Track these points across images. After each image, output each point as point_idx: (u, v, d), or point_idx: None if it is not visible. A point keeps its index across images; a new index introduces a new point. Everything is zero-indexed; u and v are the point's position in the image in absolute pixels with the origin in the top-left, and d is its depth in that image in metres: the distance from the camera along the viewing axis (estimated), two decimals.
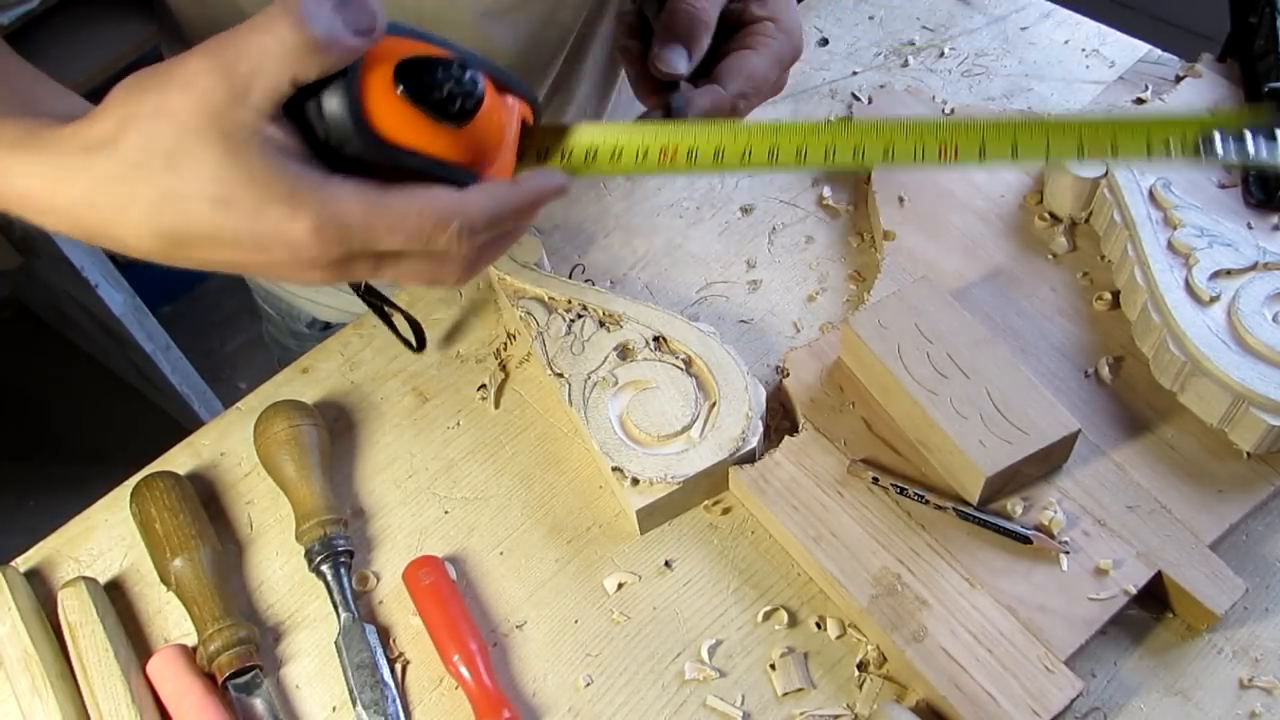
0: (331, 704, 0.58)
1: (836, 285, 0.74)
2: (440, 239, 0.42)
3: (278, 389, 0.71)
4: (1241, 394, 0.59)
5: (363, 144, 0.41)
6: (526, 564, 0.63)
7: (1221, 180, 0.74)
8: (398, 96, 0.41)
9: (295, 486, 0.63)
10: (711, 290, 0.74)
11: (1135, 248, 0.66)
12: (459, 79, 0.41)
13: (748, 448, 0.62)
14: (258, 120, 0.39)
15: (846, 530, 0.59)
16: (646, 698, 0.57)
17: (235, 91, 0.39)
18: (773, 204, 0.78)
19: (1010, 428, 0.58)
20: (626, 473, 0.61)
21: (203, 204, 0.40)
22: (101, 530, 0.66)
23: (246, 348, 2.03)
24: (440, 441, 0.68)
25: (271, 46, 0.38)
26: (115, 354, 1.76)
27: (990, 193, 0.75)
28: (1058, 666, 0.54)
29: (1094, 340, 0.67)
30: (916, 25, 0.90)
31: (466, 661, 0.56)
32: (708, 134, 0.46)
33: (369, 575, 0.63)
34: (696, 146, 0.46)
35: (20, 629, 0.58)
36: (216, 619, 0.58)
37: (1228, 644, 0.57)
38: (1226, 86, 0.79)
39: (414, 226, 0.41)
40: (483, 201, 0.43)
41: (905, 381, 0.61)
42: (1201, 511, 0.59)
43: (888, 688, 0.57)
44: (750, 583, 0.61)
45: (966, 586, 0.57)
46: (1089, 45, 0.87)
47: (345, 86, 0.40)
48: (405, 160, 0.41)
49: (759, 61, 0.55)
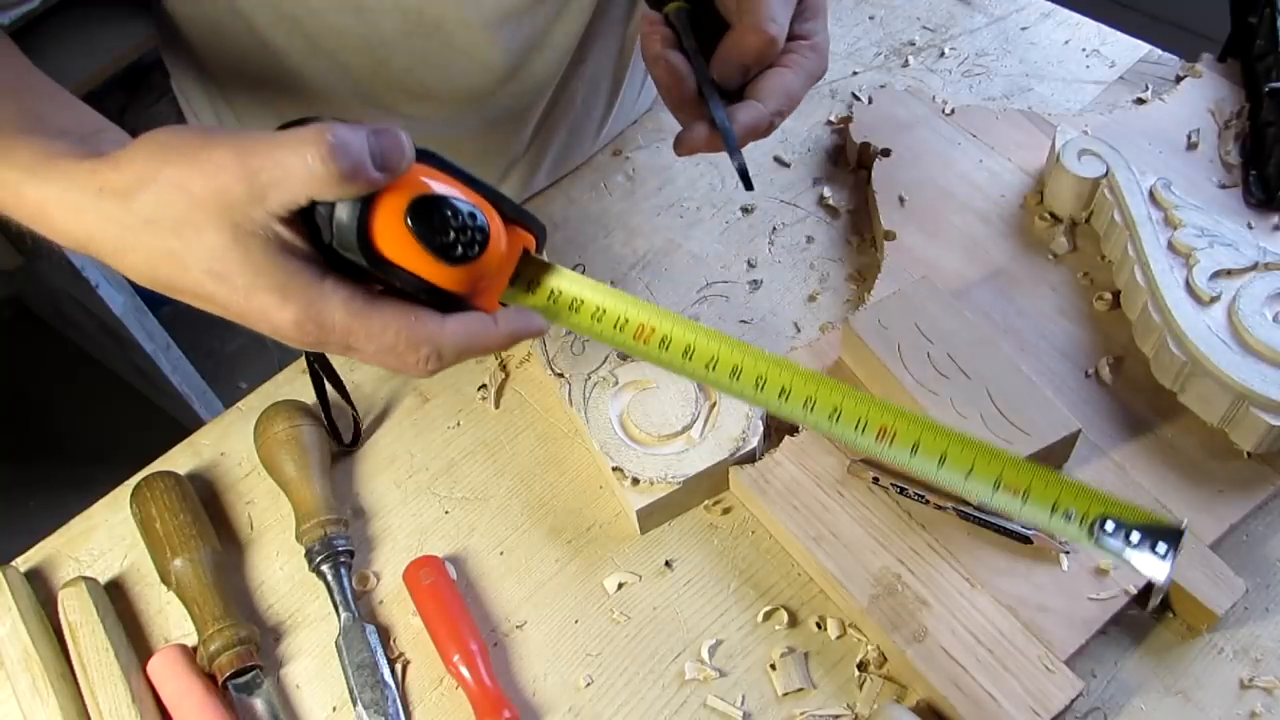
0: (332, 704, 0.58)
1: (837, 285, 0.74)
2: (410, 358, 0.44)
3: (278, 389, 0.71)
4: (1242, 394, 0.59)
5: (362, 255, 0.42)
6: (527, 564, 0.63)
7: (1222, 180, 0.74)
8: (405, 228, 0.42)
9: (295, 486, 0.63)
10: (712, 290, 0.74)
11: (1136, 248, 0.66)
12: (467, 227, 0.43)
13: (748, 448, 0.62)
14: (268, 220, 0.41)
15: (847, 530, 0.59)
16: (647, 698, 0.57)
17: (253, 195, 0.40)
18: (773, 204, 0.78)
19: (1011, 428, 0.58)
20: (627, 473, 0.61)
21: (199, 272, 0.42)
22: (102, 530, 0.66)
23: (247, 348, 2.02)
24: (441, 441, 0.68)
25: (296, 167, 0.40)
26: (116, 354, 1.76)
27: (991, 193, 0.75)
28: (1058, 666, 0.54)
29: (1094, 340, 0.67)
30: (917, 25, 0.90)
31: (467, 661, 0.56)
32: (686, 331, 0.48)
33: (369, 575, 0.63)
34: (671, 337, 0.48)
35: (20, 629, 0.58)
36: (217, 619, 0.58)
37: (1228, 644, 0.57)
38: (1227, 86, 0.79)
39: (389, 342, 0.43)
40: (459, 335, 0.45)
41: (905, 381, 0.61)
42: (1202, 511, 0.59)
43: (888, 688, 0.57)
44: (750, 583, 0.61)
45: (967, 586, 0.57)
46: (1089, 45, 0.87)
47: (358, 204, 0.42)
48: (399, 277, 0.43)
49: (795, 82, 0.56)
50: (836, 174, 0.80)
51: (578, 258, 0.76)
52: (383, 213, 0.42)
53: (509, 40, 0.71)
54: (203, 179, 0.40)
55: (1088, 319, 0.68)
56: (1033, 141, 0.78)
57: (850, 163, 0.80)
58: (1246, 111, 0.77)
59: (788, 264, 0.75)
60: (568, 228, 0.78)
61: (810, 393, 0.46)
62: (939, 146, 0.78)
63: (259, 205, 0.41)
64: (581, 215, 0.79)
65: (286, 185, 0.40)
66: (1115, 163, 0.70)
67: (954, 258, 0.72)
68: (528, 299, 0.48)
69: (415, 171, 0.43)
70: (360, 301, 0.43)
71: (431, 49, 0.69)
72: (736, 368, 0.47)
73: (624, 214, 0.79)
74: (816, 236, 0.76)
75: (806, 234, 0.76)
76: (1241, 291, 0.62)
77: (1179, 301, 0.63)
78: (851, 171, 0.80)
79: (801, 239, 0.76)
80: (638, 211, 0.79)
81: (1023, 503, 0.45)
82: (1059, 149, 0.71)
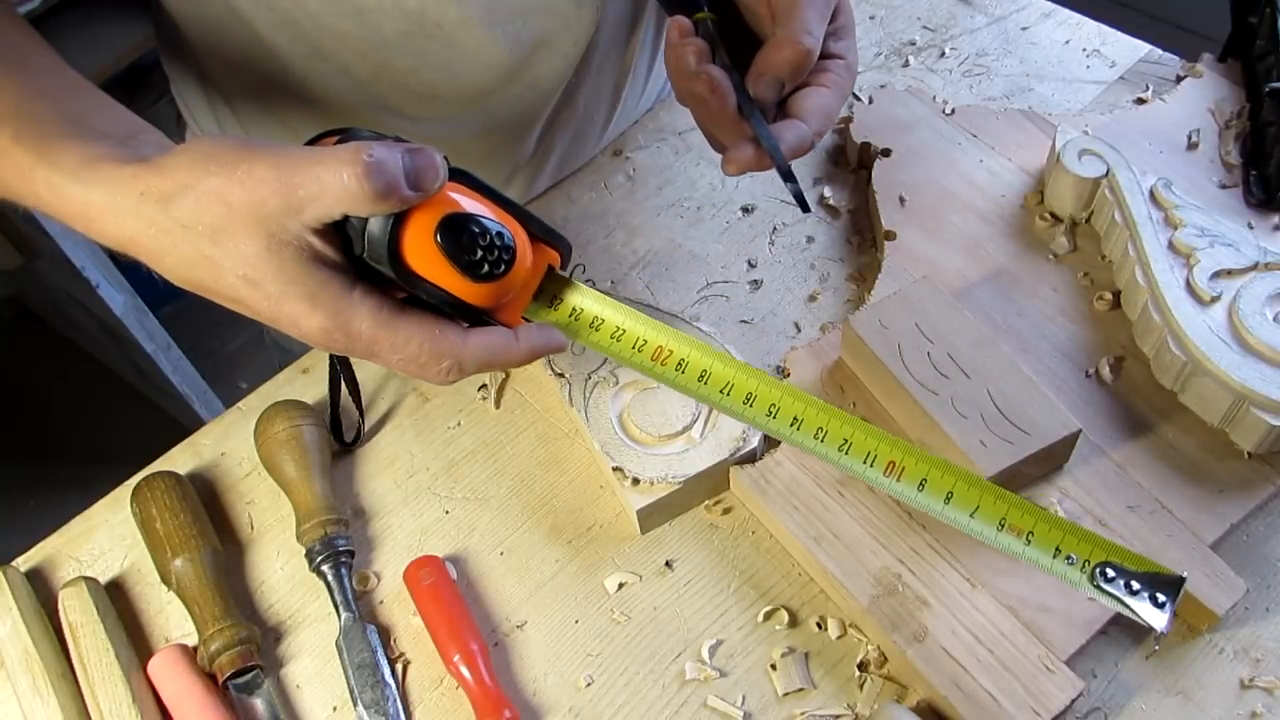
0: (332, 704, 0.58)
1: (837, 285, 0.74)
2: (431, 368, 0.46)
3: (278, 389, 0.71)
4: (1242, 394, 0.59)
5: (391, 269, 0.44)
6: (527, 564, 0.63)
7: (1222, 180, 0.74)
8: (435, 244, 0.44)
9: (296, 486, 0.63)
10: (712, 290, 0.74)
11: (1136, 248, 0.66)
12: (494, 245, 0.45)
13: (748, 448, 0.62)
14: (303, 231, 0.43)
15: (847, 530, 0.59)
16: (647, 698, 0.57)
17: (289, 207, 0.42)
18: (773, 204, 0.78)
19: (1011, 428, 0.58)
20: (627, 473, 0.61)
21: (233, 277, 0.44)
22: (102, 530, 0.66)
23: (247, 348, 2.02)
24: (441, 441, 0.68)
25: (333, 184, 0.41)
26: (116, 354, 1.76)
27: (991, 193, 0.75)
28: (1058, 666, 0.54)
29: (1095, 340, 0.67)
30: (917, 25, 0.90)
31: (467, 661, 0.56)
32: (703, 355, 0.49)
33: (369, 575, 0.63)
34: (688, 361, 0.49)
35: (21, 629, 0.58)
36: (217, 619, 0.58)
37: (1229, 644, 0.56)
38: (1227, 86, 0.79)
39: (412, 353, 0.45)
40: (481, 348, 0.46)
41: (906, 381, 0.61)
42: (1202, 511, 0.59)
43: (888, 688, 0.57)
44: (751, 583, 0.61)
45: (967, 586, 0.57)
46: (1090, 45, 0.87)
47: (390, 219, 0.43)
48: (426, 291, 0.45)
49: (834, 101, 0.56)
50: (837, 174, 0.80)
51: (578, 258, 0.76)
52: (413, 228, 0.44)
53: (512, 39, 0.71)
54: (242, 190, 0.42)
55: (1088, 319, 0.68)
56: (1033, 141, 0.78)
57: (850, 163, 0.80)
58: (1247, 111, 0.77)
59: (788, 264, 0.75)
60: (568, 228, 0.78)
61: (822, 423, 0.48)
62: (939, 146, 0.78)
63: (294, 217, 0.42)
64: (582, 215, 0.79)
65: (322, 201, 0.42)
66: (1116, 163, 0.70)
67: (954, 258, 0.72)
68: (549, 315, 0.50)
69: (447, 189, 0.45)
70: (387, 312, 0.45)
71: (433, 49, 0.69)
72: (751, 394, 0.48)
73: (624, 214, 0.79)
74: (817, 236, 0.76)
75: (807, 234, 0.76)
76: (1242, 291, 0.62)
77: (1179, 301, 0.63)
78: (852, 171, 0.80)
79: (802, 239, 0.76)
80: (638, 211, 0.79)
81: (1026, 544, 0.45)
82: (1059, 149, 0.71)
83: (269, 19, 0.67)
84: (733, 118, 0.55)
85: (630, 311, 0.50)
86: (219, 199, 0.42)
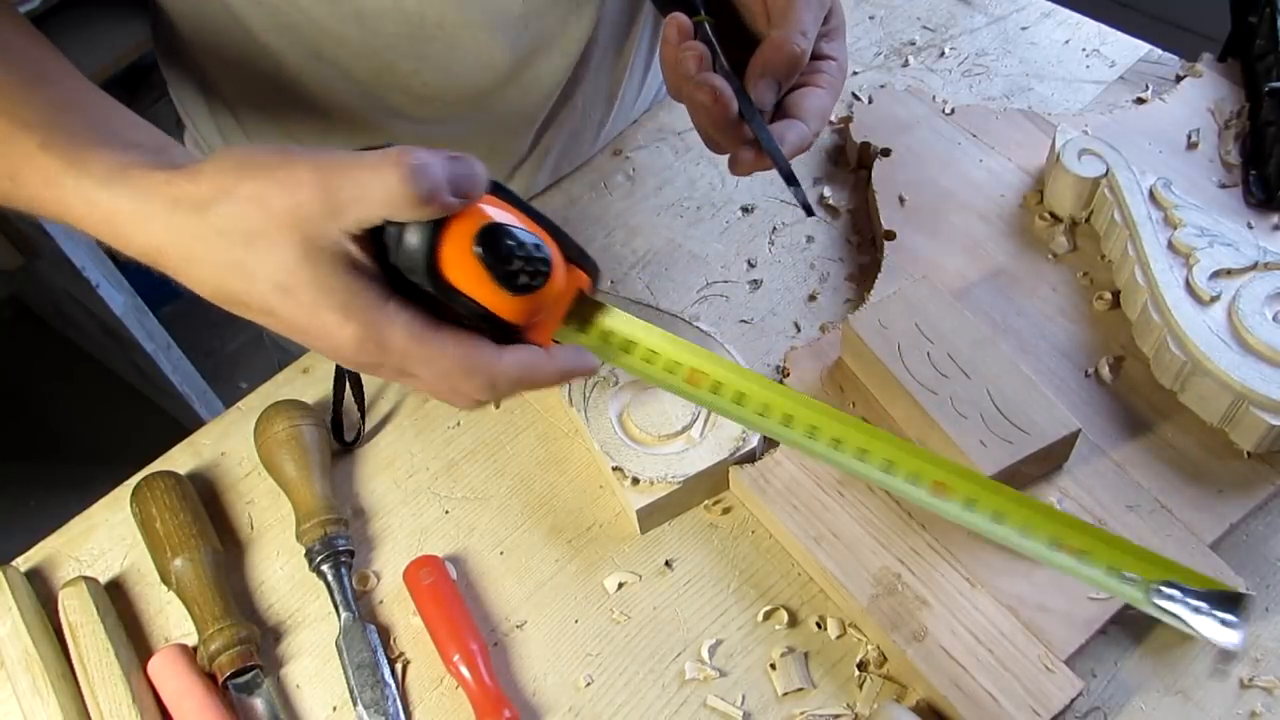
0: (332, 704, 0.58)
1: (837, 285, 0.74)
2: (464, 385, 0.45)
3: (278, 389, 0.71)
4: (1242, 393, 0.59)
5: (427, 280, 0.43)
6: (527, 564, 0.63)
7: (1222, 180, 0.74)
8: (473, 255, 0.43)
9: (296, 486, 0.63)
10: (712, 290, 0.74)
11: (1136, 247, 0.66)
12: (533, 257, 0.44)
13: (748, 447, 0.62)
14: (341, 236, 0.42)
15: (847, 530, 0.59)
16: (647, 697, 0.57)
17: (330, 210, 0.41)
18: (773, 203, 0.78)
19: (1011, 427, 0.58)
20: (627, 472, 0.61)
21: (266, 285, 0.42)
22: (102, 530, 0.66)
23: (247, 348, 2.02)
24: (441, 441, 0.68)
25: (375, 187, 0.41)
26: (116, 354, 1.76)
27: (991, 193, 0.75)
28: (1058, 666, 0.54)
29: (1094, 340, 0.67)
30: (917, 25, 0.90)
31: (467, 661, 0.56)
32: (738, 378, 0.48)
33: (369, 575, 0.63)
34: (724, 383, 0.48)
35: (21, 629, 0.58)
36: (217, 619, 0.58)
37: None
38: (1227, 86, 0.79)
39: (446, 369, 0.44)
40: (514, 366, 0.45)
41: (905, 381, 0.61)
42: (1202, 511, 0.59)
43: (888, 687, 0.57)
44: (750, 582, 0.61)
45: (967, 586, 0.57)
46: (1089, 45, 0.87)
47: (428, 228, 0.43)
48: (461, 303, 0.44)
49: (829, 101, 0.57)
50: (836, 174, 0.80)
51: None
52: (451, 238, 0.43)
53: (513, 40, 0.71)
54: (281, 193, 0.41)
55: (1088, 319, 0.68)
56: (1033, 141, 0.78)
57: (850, 162, 0.80)
58: (1246, 111, 0.77)
59: (788, 264, 0.75)
60: (568, 228, 0.77)
61: (864, 444, 0.47)
62: (939, 146, 0.78)
63: (334, 221, 0.41)
64: (582, 215, 0.79)
65: (364, 203, 0.41)
66: (1115, 162, 0.70)
67: (954, 257, 0.72)
68: (579, 338, 0.49)
69: (486, 199, 0.44)
70: (421, 325, 0.44)
71: (434, 51, 0.69)
72: (789, 415, 0.47)
73: (624, 214, 0.79)
74: (817, 236, 0.76)
75: (807, 233, 0.76)
76: (1241, 291, 0.62)
77: (1179, 301, 0.63)
78: (851, 171, 0.80)
79: (801, 239, 0.76)
80: (638, 211, 0.79)
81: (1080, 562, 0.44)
82: (1059, 149, 0.71)
83: (267, 23, 0.67)
84: (734, 124, 0.55)
85: (662, 334, 0.49)
86: (257, 203, 0.41)
